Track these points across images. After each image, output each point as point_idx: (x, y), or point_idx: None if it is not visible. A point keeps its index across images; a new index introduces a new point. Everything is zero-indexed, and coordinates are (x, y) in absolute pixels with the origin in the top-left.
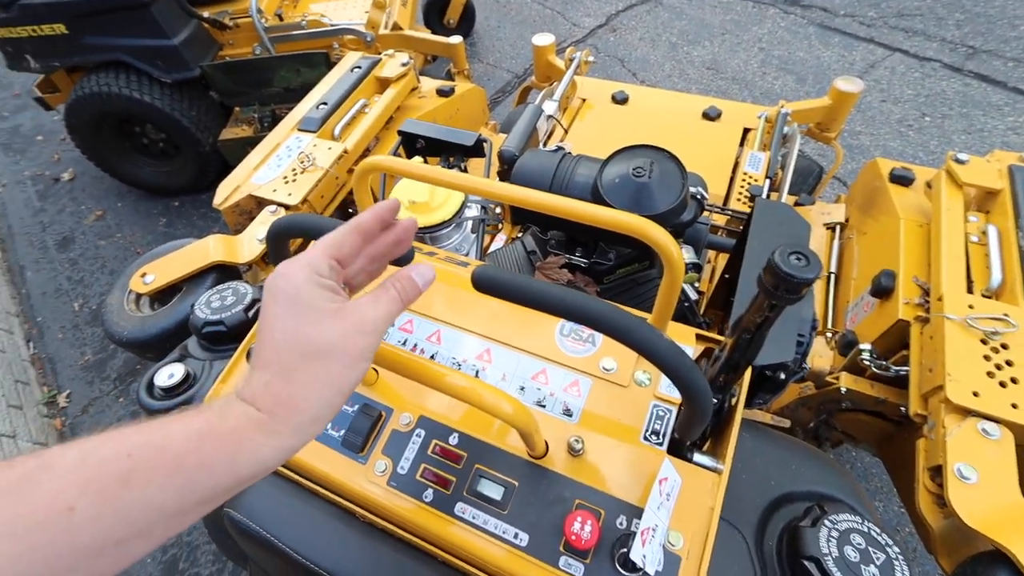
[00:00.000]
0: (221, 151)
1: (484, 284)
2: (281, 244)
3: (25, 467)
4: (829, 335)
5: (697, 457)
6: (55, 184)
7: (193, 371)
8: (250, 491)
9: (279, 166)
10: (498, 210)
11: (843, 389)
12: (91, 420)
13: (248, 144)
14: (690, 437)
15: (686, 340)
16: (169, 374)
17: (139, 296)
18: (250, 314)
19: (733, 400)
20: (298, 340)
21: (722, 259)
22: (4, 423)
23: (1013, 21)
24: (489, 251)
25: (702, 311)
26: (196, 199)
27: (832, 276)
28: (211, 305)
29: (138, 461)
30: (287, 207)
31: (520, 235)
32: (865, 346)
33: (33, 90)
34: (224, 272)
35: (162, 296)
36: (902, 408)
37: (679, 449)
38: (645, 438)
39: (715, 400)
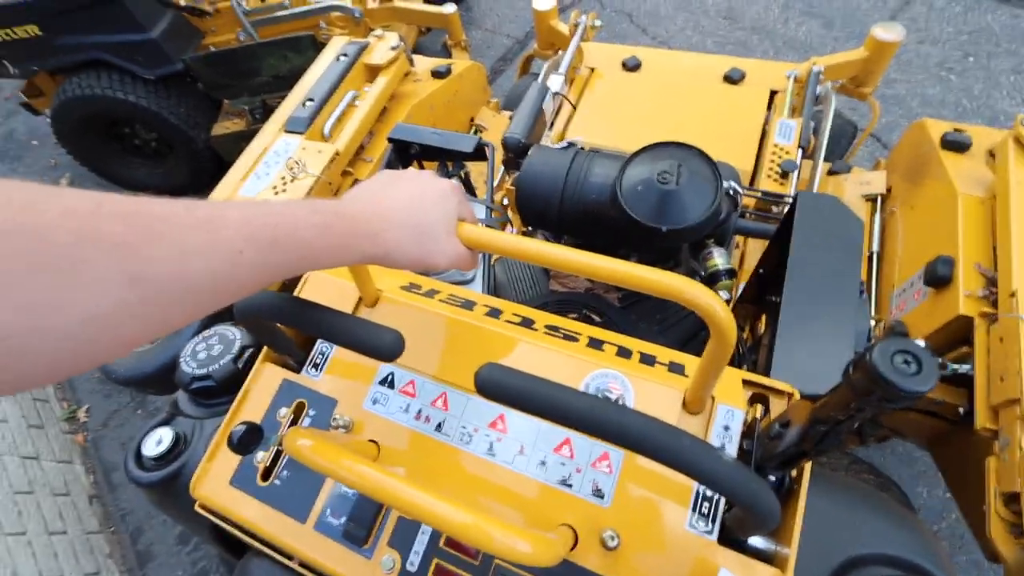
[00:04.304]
0: (214, 147)
1: (491, 390)
2: (262, 326)
3: (201, 212)
4: (873, 323)
5: (752, 540)
6: None
7: (183, 432)
8: None
9: (268, 175)
10: (505, 201)
11: None
12: (112, 434)
13: (241, 138)
14: (747, 537)
15: (733, 391)
16: (157, 440)
17: None
18: (240, 364)
19: (794, 472)
20: (415, 221)
21: (752, 243)
22: (26, 445)
23: None
24: (497, 257)
25: (731, 306)
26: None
27: (874, 255)
28: (197, 357)
29: (280, 234)
30: None
31: (529, 231)
32: (919, 342)
33: (19, 95)
34: None
35: None
36: (960, 409)
37: (731, 536)
38: (691, 524)
39: (774, 478)
